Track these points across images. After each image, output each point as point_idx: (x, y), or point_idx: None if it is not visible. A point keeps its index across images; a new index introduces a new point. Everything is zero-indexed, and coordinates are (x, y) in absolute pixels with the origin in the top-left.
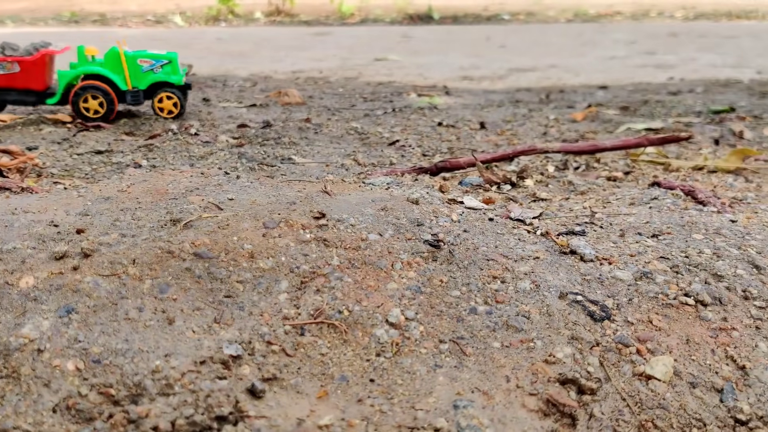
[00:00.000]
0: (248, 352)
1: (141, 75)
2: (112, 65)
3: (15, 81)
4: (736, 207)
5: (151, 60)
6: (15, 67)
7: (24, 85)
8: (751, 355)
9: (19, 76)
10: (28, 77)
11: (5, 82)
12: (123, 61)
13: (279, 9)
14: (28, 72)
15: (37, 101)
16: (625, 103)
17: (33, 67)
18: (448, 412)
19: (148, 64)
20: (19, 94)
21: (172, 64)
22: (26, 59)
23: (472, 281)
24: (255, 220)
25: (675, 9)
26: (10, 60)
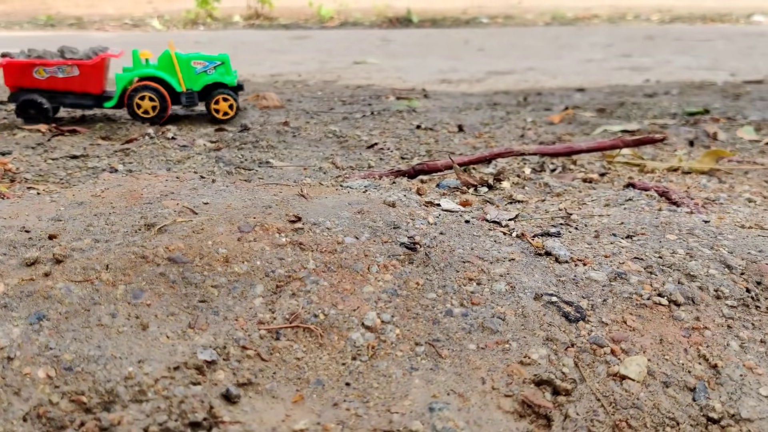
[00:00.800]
0: (223, 357)
1: (194, 77)
2: (166, 68)
3: (73, 84)
4: (709, 207)
5: (205, 62)
6: (74, 71)
7: (82, 89)
8: (723, 353)
9: (78, 79)
10: (86, 81)
11: (64, 86)
12: (175, 64)
13: (258, 12)
14: (87, 75)
15: (94, 105)
16: (601, 105)
17: (92, 70)
18: (423, 415)
19: (202, 65)
20: (77, 97)
21: (225, 65)
22: (85, 63)
23: (448, 283)
24: (230, 224)
25: (651, 12)
26: (70, 63)
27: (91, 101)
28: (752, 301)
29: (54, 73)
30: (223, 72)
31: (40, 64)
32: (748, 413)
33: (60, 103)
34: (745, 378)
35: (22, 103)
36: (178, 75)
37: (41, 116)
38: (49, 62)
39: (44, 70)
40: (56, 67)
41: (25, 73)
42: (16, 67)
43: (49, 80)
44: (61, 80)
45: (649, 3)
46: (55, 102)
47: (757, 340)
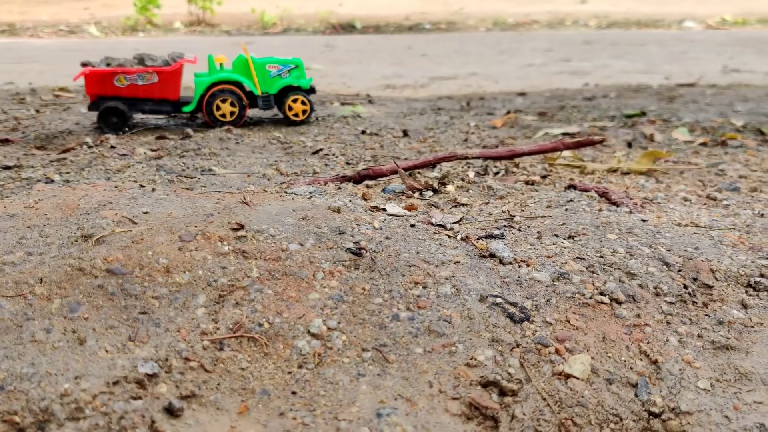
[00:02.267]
0: (165, 370)
1: (270, 80)
2: (242, 72)
3: (153, 91)
4: (648, 207)
5: (279, 65)
6: (154, 78)
7: (161, 95)
8: (663, 349)
9: (157, 86)
10: (165, 87)
11: (144, 93)
12: (251, 67)
13: (199, 19)
14: (166, 82)
15: (173, 110)
16: (542, 108)
17: (171, 77)
18: (371, 421)
19: (276, 69)
20: (155, 104)
21: (298, 68)
22: (165, 69)
23: (395, 288)
24: (171, 233)
25: (589, 18)
26: (150, 71)
27: (170, 107)
28: (689, 297)
29: (134, 80)
30: (298, 75)
31: (122, 72)
32: (687, 406)
33: (140, 110)
34: (684, 372)
35: (104, 111)
36: (254, 79)
37: (122, 124)
38: (130, 70)
39: (125, 78)
40: (137, 74)
41: (106, 81)
42: (98, 76)
43: (129, 88)
44: (141, 87)
45: (586, 9)
46: (135, 109)
47: (694, 335)
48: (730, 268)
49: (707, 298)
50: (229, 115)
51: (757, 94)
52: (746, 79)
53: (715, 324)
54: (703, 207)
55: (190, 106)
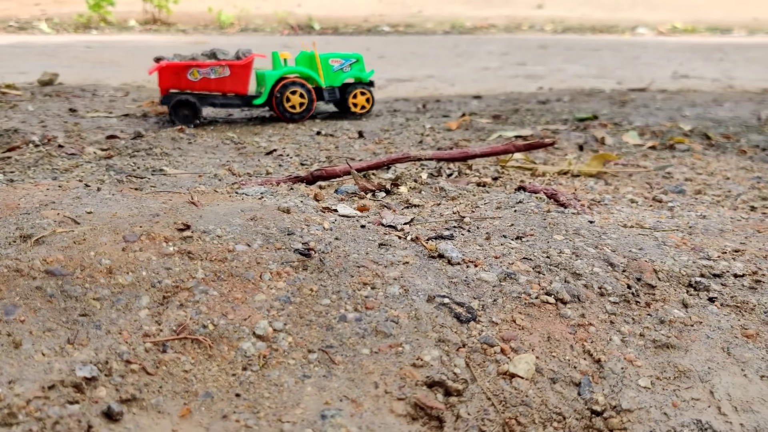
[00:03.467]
0: (105, 373)
1: (332, 74)
2: (307, 67)
3: (224, 85)
4: (595, 208)
5: (341, 60)
6: (225, 71)
7: (231, 89)
8: (606, 348)
9: (228, 80)
10: (236, 81)
11: (215, 86)
12: (318, 62)
13: (155, 17)
14: (237, 76)
15: (243, 104)
16: (497, 111)
17: (242, 71)
18: (315, 423)
19: (338, 63)
20: (225, 98)
21: (359, 62)
22: (237, 63)
23: (343, 289)
24: (115, 233)
25: (545, 23)
26: (223, 64)
27: (239, 101)
28: (633, 296)
29: (207, 74)
30: (360, 69)
31: (196, 66)
32: (628, 404)
33: (210, 104)
34: (626, 371)
35: (176, 104)
36: (320, 73)
37: (193, 117)
38: (203, 63)
39: (198, 72)
40: (210, 68)
41: (180, 75)
42: (173, 69)
43: (202, 81)
44: (214, 81)
45: (543, 14)
46: (206, 103)
47: (636, 334)
48: (673, 269)
49: (650, 297)
50: (298, 107)
51: (705, 100)
52: (695, 84)
53: (656, 323)
54: (648, 209)
55: (261, 99)
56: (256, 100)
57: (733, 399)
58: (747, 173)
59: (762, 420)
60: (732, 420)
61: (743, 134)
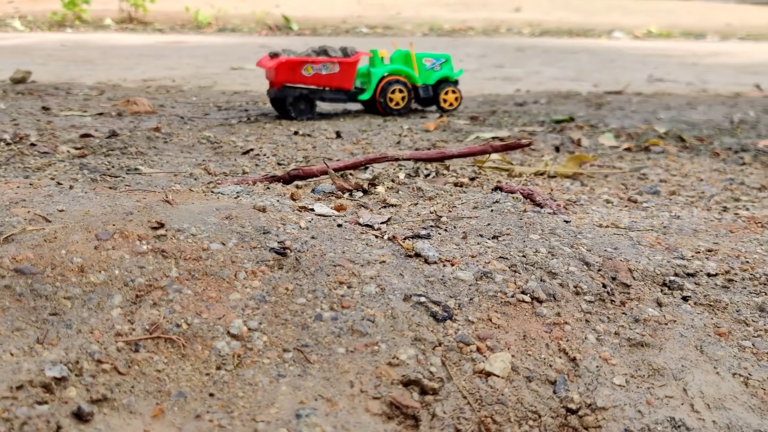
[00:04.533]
0: (75, 373)
1: (425, 72)
2: (402, 65)
3: (333, 81)
4: (570, 208)
5: (433, 59)
6: (335, 68)
7: (338, 85)
8: (581, 347)
9: (337, 76)
10: (343, 77)
11: (325, 82)
12: (413, 61)
13: (131, 16)
14: (345, 72)
15: (348, 99)
16: (474, 113)
17: (350, 67)
18: (290, 422)
19: (431, 63)
20: (333, 93)
21: (448, 62)
22: (346, 60)
23: (318, 288)
24: (87, 231)
25: (522, 26)
26: (334, 61)
27: (345, 96)
28: (608, 295)
29: (319, 70)
30: (450, 68)
31: (310, 62)
32: (603, 402)
33: (320, 98)
34: (600, 369)
35: (296, 98)
36: (415, 71)
37: (309, 110)
38: (317, 60)
39: (312, 67)
40: (322, 64)
41: (295, 70)
42: (290, 65)
43: (314, 77)
44: (324, 77)
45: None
46: (316, 97)
47: (611, 333)
48: (647, 268)
49: (625, 296)
50: (400, 101)
51: (679, 103)
52: (669, 88)
53: (631, 322)
54: (624, 209)
55: (366, 94)
56: (362, 95)
57: (705, 396)
58: (720, 175)
59: (734, 417)
60: (705, 417)
61: (716, 137)
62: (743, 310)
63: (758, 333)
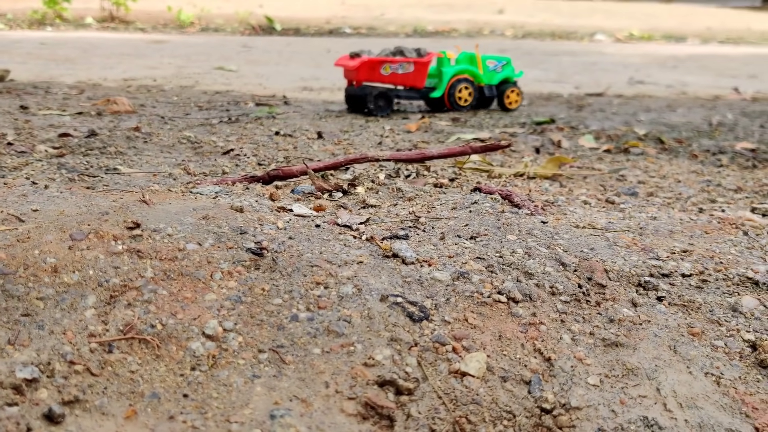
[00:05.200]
0: (47, 375)
1: (489, 73)
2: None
3: (407, 80)
4: (548, 209)
5: (495, 61)
6: (410, 67)
7: (412, 84)
8: (556, 347)
9: (411, 75)
10: (417, 76)
11: (400, 81)
12: (479, 63)
13: (112, 15)
14: (419, 72)
15: (420, 97)
16: (456, 114)
17: (423, 67)
18: (264, 423)
19: (493, 64)
20: (407, 91)
21: (509, 64)
22: (420, 60)
23: (295, 288)
24: (61, 231)
25: (505, 28)
26: (410, 60)
27: (417, 94)
28: (583, 296)
29: (396, 69)
30: (511, 70)
31: (389, 62)
32: (577, 402)
33: (396, 95)
34: (575, 369)
35: (377, 95)
36: (480, 71)
37: (387, 107)
38: (395, 59)
39: (389, 67)
40: (399, 64)
41: (375, 69)
42: (371, 64)
43: (391, 76)
44: (400, 76)
45: (504, 19)
46: (393, 94)
47: (587, 333)
48: (623, 269)
49: (600, 297)
50: (469, 98)
51: (659, 105)
52: (650, 90)
53: (606, 322)
54: (601, 210)
55: (438, 92)
56: (433, 93)
57: (678, 396)
58: (697, 177)
59: (705, 416)
60: (677, 416)
61: (695, 139)
62: (716, 310)
63: (731, 333)
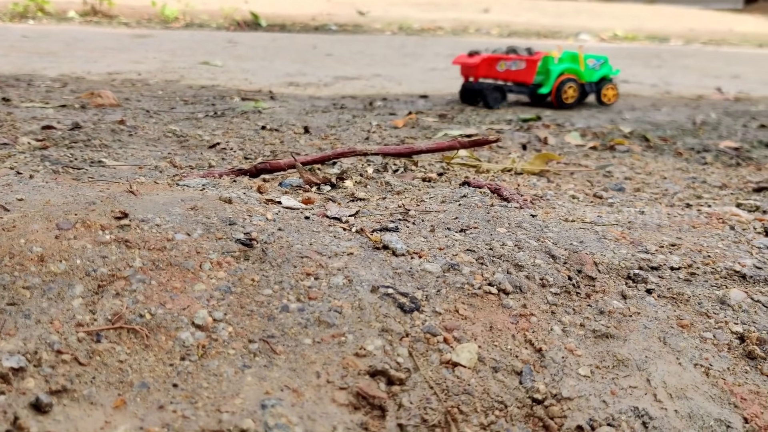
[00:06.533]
0: (33, 364)
1: (589, 71)
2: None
3: (518, 76)
4: (537, 203)
5: (594, 60)
6: (522, 65)
7: (523, 80)
8: (547, 338)
9: (522, 72)
10: (527, 73)
11: (513, 77)
12: (581, 62)
13: (95, 9)
14: (529, 69)
15: (528, 92)
16: (443, 111)
17: (533, 65)
18: (255, 413)
19: (593, 63)
20: (517, 86)
21: (606, 62)
22: (531, 58)
23: (285, 279)
24: (47, 221)
25: (491, 27)
26: (523, 59)
27: (526, 90)
28: (573, 288)
29: (509, 66)
30: (609, 68)
31: (504, 59)
32: (569, 392)
33: (508, 90)
34: (566, 360)
35: (493, 89)
36: (582, 69)
37: (501, 99)
38: (509, 57)
39: (504, 64)
40: (512, 61)
41: (492, 66)
42: (490, 61)
43: (505, 72)
44: (513, 72)
45: (489, 18)
46: (506, 89)
47: (577, 324)
48: (612, 261)
49: (590, 289)
50: (574, 96)
51: (644, 104)
52: (634, 89)
53: (596, 314)
54: (589, 204)
55: (546, 89)
56: (541, 89)
57: (668, 386)
58: (683, 174)
59: (695, 406)
60: (667, 407)
61: (679, 137)
62: (705, 302)
63: (719, 325)
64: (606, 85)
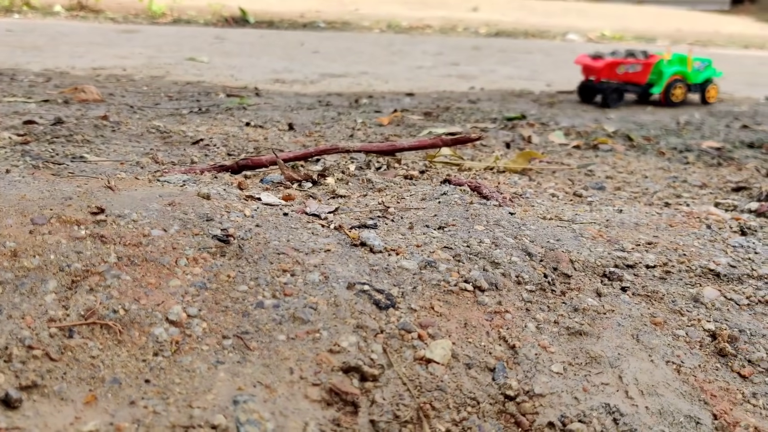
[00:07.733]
0: (4, 359)
1: (695, 73)
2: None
3: (634, 77)
4: (516, 201)
5: (700, 62)
6: (638, 67)
7: (637, 81)
8: (521, 335)
9: (637, 74)
10: (642, 75)
11: (629, 78)
12: (689, 64)
13: (82, 3)
14: (644, 71)
15: (641, 92)
16: (428, 109)
17: (647, 67)
18: (227, 408)
19: (698, 65)
20: (633, 86)
21: (710, 65)
22: (647, 61)
23: (261, 275)
24: (22, 215)
25: (479, 25)
26: (640, 62)
27: (639, 89)
28: (548, 285)
29: (627, 69)
30: (712, 70)
31: (623, 62)
32: (541, 389)
33: (624, 90)
34: (539, 357)
35: (613, 90)
36: (689, 71)
37: (619, 99)
38: (627, 60)
39: (623, 67)
40: (630, 64)
41: (612, 68)
42: (612, 64)
43: (624, 74)
44: (630, 74)
45: (477, 17)
46: (623, 89)
47: (551, 321)
48: (588, 259)
49: (565, 286)
50: (681, 96)
51: (628, 103)
52: None
53: (571, 311)
54: (569, 203)
55: (657, 89)
56: (653, 89)
57: (639, 383)
58: (664, 173)
59: (666, 403)
60: (638, 403)
61: (663, 137)
62: (678, 300)
63: (692, 322)
64: (709, 86)
